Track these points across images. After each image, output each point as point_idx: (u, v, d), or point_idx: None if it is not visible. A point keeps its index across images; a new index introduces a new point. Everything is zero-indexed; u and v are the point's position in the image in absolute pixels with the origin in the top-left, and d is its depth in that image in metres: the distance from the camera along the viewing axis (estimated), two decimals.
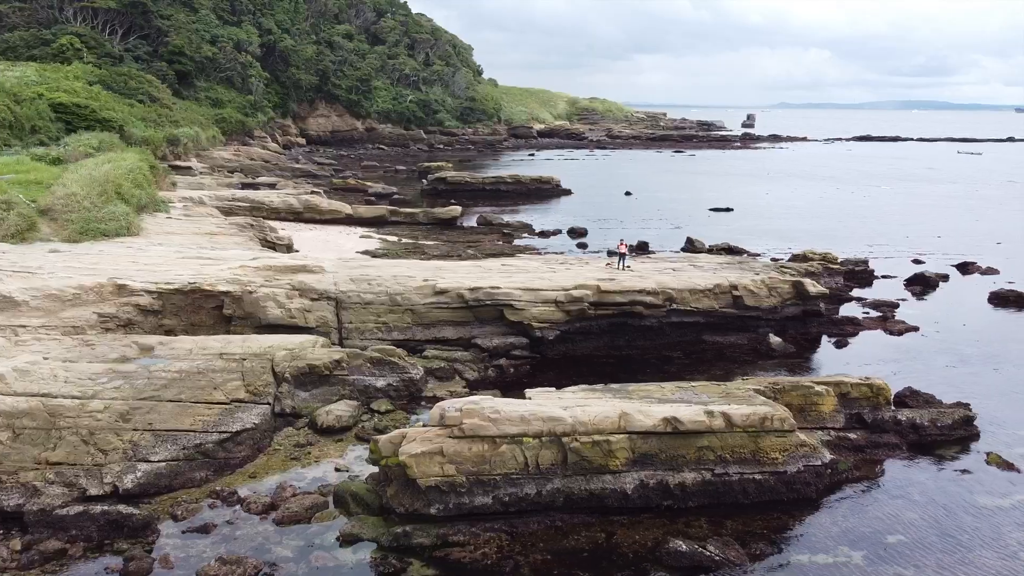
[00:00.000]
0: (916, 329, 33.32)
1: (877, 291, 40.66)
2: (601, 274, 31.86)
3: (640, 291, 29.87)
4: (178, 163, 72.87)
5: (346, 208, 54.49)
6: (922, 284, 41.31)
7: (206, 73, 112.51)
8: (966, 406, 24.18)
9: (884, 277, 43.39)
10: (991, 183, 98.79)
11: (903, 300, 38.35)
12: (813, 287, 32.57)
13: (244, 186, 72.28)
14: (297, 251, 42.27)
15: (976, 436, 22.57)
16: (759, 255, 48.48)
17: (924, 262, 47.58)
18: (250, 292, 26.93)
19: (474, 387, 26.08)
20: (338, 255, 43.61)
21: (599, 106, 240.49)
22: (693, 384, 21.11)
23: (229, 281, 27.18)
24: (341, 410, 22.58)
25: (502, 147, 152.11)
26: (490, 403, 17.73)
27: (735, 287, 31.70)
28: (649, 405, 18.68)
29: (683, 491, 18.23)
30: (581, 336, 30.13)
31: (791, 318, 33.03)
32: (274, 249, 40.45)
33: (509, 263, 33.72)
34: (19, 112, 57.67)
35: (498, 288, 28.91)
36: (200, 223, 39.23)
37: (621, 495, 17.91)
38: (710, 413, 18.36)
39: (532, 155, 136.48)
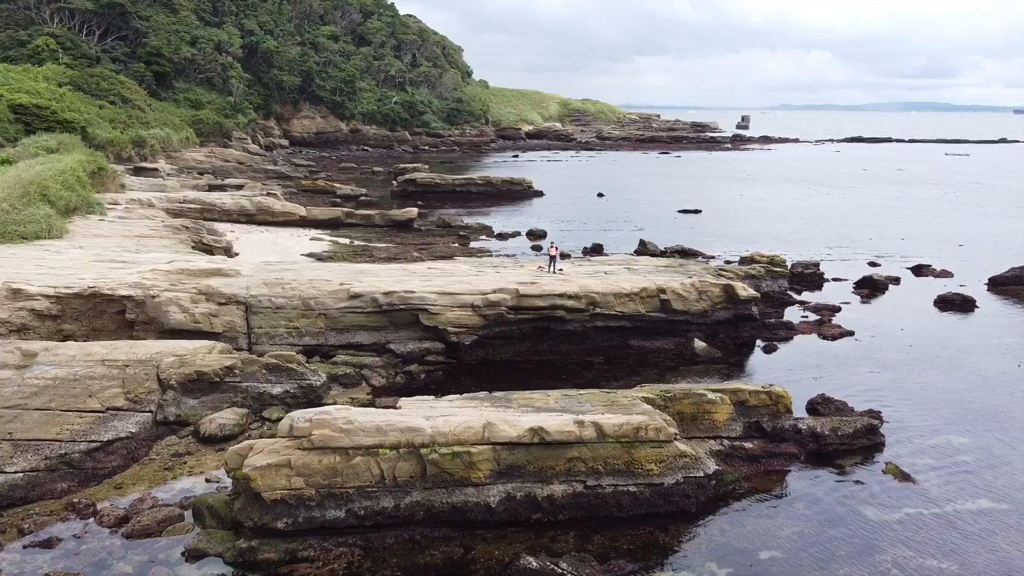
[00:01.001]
0: (851, 334, 32.64)
1: (825, 294, 40.01)
2: (528, 277, 31.19)
3: (561, 295, 29.23)
4: (144, 165, 72.33)
5: (300, 210, 53.89)
6: (870, 287, 40.62)
7: (185, 74, 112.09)
8: (876, 414, 23.55)
9: (835, 280, 42.72)
10: (968, 186, 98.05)
11: (847, 304, 37.68)
12: (744, 291, 31.91)
13: (211, 187, 71.82)
14: (237, 254, 41.67)
15: (880, 446, 21.89)
16: (713, 257, 47.92)
17: (879, 264, 46.91)
18: (152, 296, 26.31)
19: (380, 393, 25.48)
20: (281, 257, 43.06)
21: (591, 107, 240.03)
22: (580, 392, 20.45)
23: (132, 285, 26.55)
24: (226, 418, 21.94)
25: (488, 148, 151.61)
26: (344, 413, 17.08)
27: (663, 291, 31.05)
28: (519, 415, 18.02)
29: (552, 504, 17.57)
30: (501, 341, 29.49)
31: (723, 322, 32.39)
32: (210, 252, 39.82)
33: (437, 266, 33.09)
34: None
35: (412, 292, 28.28)
36: (133, 225, 38.64)
37: (485, 508, 17.25)
38: (580, 423, 17.71)
39: (516, 156, 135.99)
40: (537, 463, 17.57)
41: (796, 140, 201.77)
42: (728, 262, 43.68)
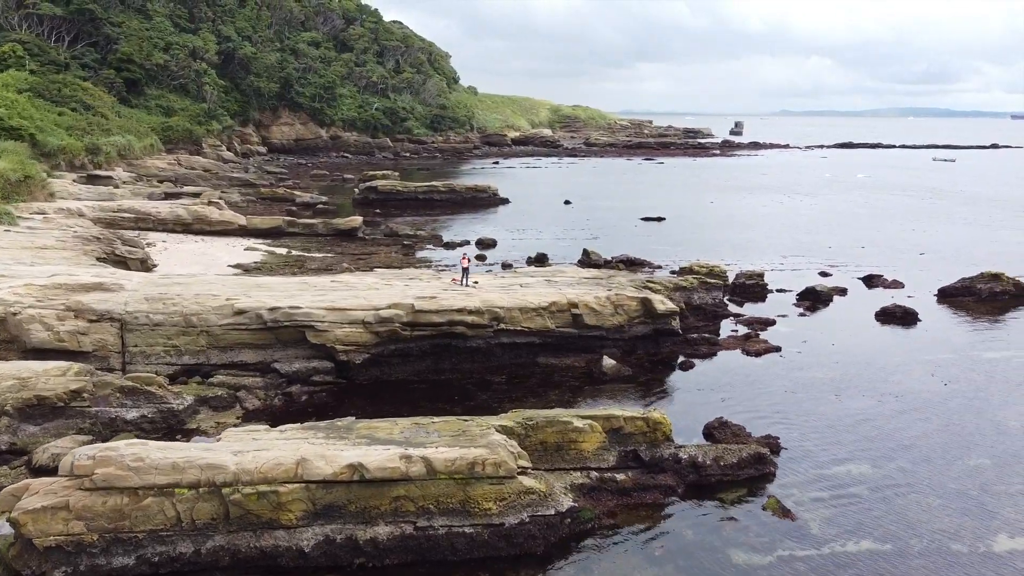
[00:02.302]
0: (777, 350, 30.95)
1: (765, 307, 38.35)
2: (433, 291, 29.57)
3: (460, 310, 27.59)
4: (98, 173, 70.84)
5: (240, 219, 52.33)
6: (812, 299, 38.96)
7: (158, 81, 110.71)
8: (773, 440, 21.92)
9: (779, 291, 41.06)
10: (945, 193, 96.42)
11: (783, 317, 36.01)
12: (662, 304, 30.27)
13: (167, 195, 70.41)
14: (155, 266, 40.12)
15: (769, 476, 20.22)
16: (660, 267, 46.36)
17: (831, 275, 45.25)
18: (14, 314, 24.72)
19: (252, 417, 23.86)
20: (206, 269, 41.54)
21: (582, 113, 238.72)
22: (433, 420, 18.79)
23: None
24: (62, 447, 20.29)
25: (470, 155, 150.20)
26: (135, 449, 15.46)
27: (574, 305, 29.42)
28: (343, 449, 16.38)
29: (376, 548, 15.92)
30: (398, 359, 27.87)
31: (641, 338, 30.76)
32: (125, 265, 38.26)
33: (341, 279, 31.47)
34: None
35: (298, 308, 26.66)
36: (39, 237, 37.06)
37: (298, 553, 15.61)
38: (407, 458, 16.07)
39: (496, 163, 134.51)
40: (359, 503, 15.93)
41: (786, 146, 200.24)
42: (673, 272, 42.05)
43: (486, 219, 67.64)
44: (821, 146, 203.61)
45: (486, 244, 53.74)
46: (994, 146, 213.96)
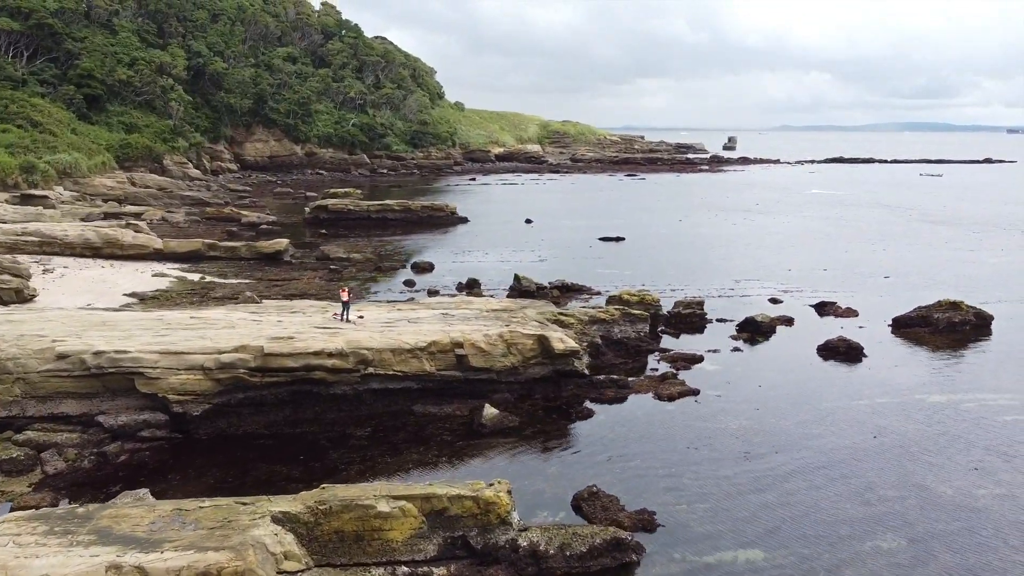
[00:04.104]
0: (695, 393, 27.37)
1: (701, 339, 34.79)
2: (295, 330, 26.09)
3: (318, 353, 24.09)
4: (33, 192, 67.58)
5: (155, 242, 48.94)
6: (752, 331, 35.41)
7: (121, 97, 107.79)
8: (647, 516, 18.36)
9: (719, 321, 37.54)
10: (927, 209, 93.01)
11: (714, 352, 32.43)
12: (560, 343, 26.73)
13: (107, 216, 67.45)
14: (33, 297, 36.66)
15: (630, 567, 16.63)
16: (599, 293, 42.86)
17: (781, 301, 41.73)
18: None
19: (50, 483, 20.36)
20: (98, 298, 38.18)
21: (571, 129, 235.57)
22: (202, 505, 15.21)
23: None
24: None
25: (450, 172, 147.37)
26: None
27: (459, 344, 25.91)
28: (37, 556, 12.84)
29: None
30: (250, 409, 24.35)
31: (539, 380, 27.22)
32: None
33: (202, 315, 27.94)
34: None
35: (126, 352, 23.17)
36: None
37: None
38: (115, 570, 12.52)
39: (473, 179, 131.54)
40: None
41: (775, 161, 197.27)
42: (612, 298, 38.29)
43: (437, 240, 64.28)
44: (811, 161, 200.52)
45: (422, 268, 50.31)
46: (987, 160, 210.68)
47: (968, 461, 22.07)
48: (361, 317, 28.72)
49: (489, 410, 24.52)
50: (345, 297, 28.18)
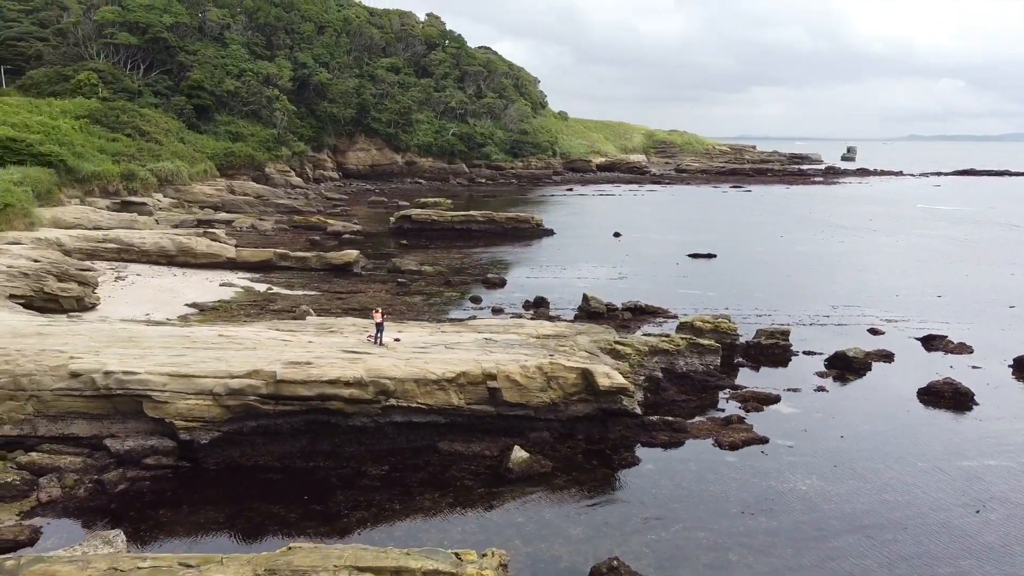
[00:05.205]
0: (763, 441, 23.83)
1: (781, 374, 30.99)
2: (321, 352, 24.31)
3: (333, 381, 22.16)
4: (132, 199, 69.89)
5: (228, 251, 48.92)
6: (842, 367, 31.25)
7: (228, 107, 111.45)
8: None
9: (807, 353, 33.49)
10: None
11: (794, 392, 28.59)
12: (606, 379, 23.81)
13: (199, 223, 68.95)
14: (92, 306, 36.70)
15: None
16: (675, 317, 39.40)
17: (883, 332, 37.09)
18: None
19: (44, 511, 19.26)
20: (158, 308, 38.01)
21: (678, 139, 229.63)
22: (139, 565, 13.34)
23: None
24: None
25: (548, 182, 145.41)
26: None
27: (491, 376, 23.44)
28: None
29: None
30: (264, 439, 22.67)
31: (583, 419, 24.38)
32: (57, 304, 34.99)
33: (230, 332, 26.56)
34: None
35: (133, 374, 21.93)
36: None
37: None
38: None
39: (570, 190, 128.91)
40: None
41: (898, 173, 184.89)
42: (683, 325, 34.76)
43: (516, 253, 62.06)
44: (938, 173, 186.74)
45: (492, 284, 48.17)
46: None
47: None
48: (397, 340, 26.70)
49: (518, 453, 21.88)
50: (378, 318, 26.21)
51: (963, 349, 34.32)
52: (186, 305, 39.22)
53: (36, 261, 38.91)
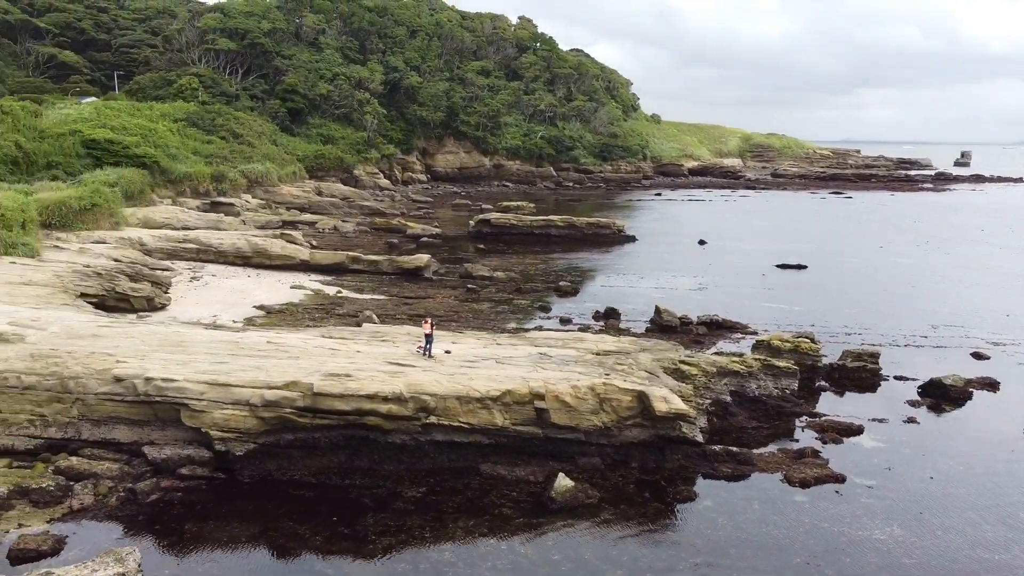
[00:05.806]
0: (839, 480, 21.44)
1: (874, 400, 28.29)
2: (364, 364, 23.41)
3: (372, 396, 21.18)
4: (220, 200, 71.82)
5: (302, 253, 49.15)
6: (938, 396, 28.24)
7: (321, 110, 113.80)
8: None
9: (898, 379, 30.53)
10: None
11: (880, 422, 25.90)
12: (663, 403, 21.93)
13: (284, 223, 70.28)
14: (162, 306, 37.16)
15: None
16: (755, 333, 36.87)
17: (988, 357, 33.58)
18: None
19: (77, 517, 19.05)
20: (226, 309, 38.27)
21: (776, 142, 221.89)
22: None
23: None
24: None
25: (637, 186, 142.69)
26: None
27: (539, 395, 21.97)
28: None
29: None
30: (301, 452, 21.91)
31: (638, 445, 22.58)
32: (128, 305, 35.57)
33: (279, 339, 25.95)
34: (34, 148, 58.50)
35: (172, 380, 21.54)
36: (37, 272, 34.95)
37: None
38: None
39: (659, 194, 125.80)
40: None
41: (1019, 180, 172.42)
42: (760, 342, 32.28)
43: (594, 260, 60.28)
44: None
45: (564, 292, 46.65)
46: None
47: None
48: (448, 352, 25.56)
49: (562, 482, 20.31)
50: (428, 329, 25.12)
51: None
52: (254, 307, 39.32)
53: (116, 261, 40.04)
